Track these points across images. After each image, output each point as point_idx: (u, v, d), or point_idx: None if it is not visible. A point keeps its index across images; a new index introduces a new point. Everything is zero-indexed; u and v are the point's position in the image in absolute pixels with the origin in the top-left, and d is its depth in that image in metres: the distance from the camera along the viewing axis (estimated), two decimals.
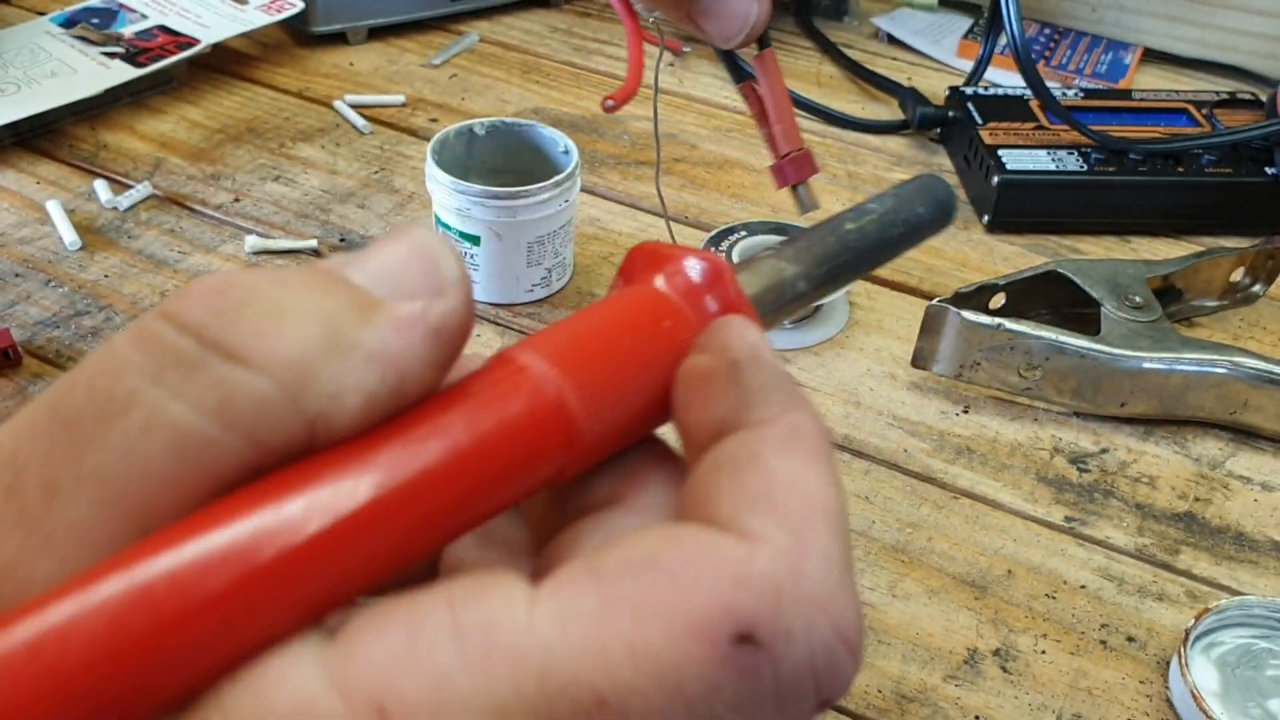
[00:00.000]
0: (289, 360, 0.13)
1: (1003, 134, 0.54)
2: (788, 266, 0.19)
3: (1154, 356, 0.41)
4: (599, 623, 0.13)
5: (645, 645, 0.13)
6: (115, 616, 0.11)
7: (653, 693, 0.13)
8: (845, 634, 0.14)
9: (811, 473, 0.15)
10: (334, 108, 0.58)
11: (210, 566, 0.12)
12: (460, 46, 0.65)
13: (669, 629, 0.13)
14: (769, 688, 0.13)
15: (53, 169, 0.53)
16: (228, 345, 0.13)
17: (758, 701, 0.13)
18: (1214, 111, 0.56)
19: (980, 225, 0.53)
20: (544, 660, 0.12)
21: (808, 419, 0.15)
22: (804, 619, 0.13)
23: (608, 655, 0.13)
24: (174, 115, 0.57)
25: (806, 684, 0.13)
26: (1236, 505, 0.40)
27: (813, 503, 0.14)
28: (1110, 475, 0.40)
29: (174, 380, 0.13)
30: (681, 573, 0.13)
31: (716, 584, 0.13)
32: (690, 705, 0.13)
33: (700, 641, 0.13)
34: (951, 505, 0.39)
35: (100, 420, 0.13)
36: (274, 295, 0.14)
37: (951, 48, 0.67)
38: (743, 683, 0.13)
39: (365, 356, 0.14)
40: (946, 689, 0.33)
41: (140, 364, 0.13)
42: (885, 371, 0.44)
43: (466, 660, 0.12)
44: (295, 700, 0.12)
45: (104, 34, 0.59)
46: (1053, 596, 0.36)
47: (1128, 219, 0.53)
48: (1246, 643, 0.34)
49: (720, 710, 0.13)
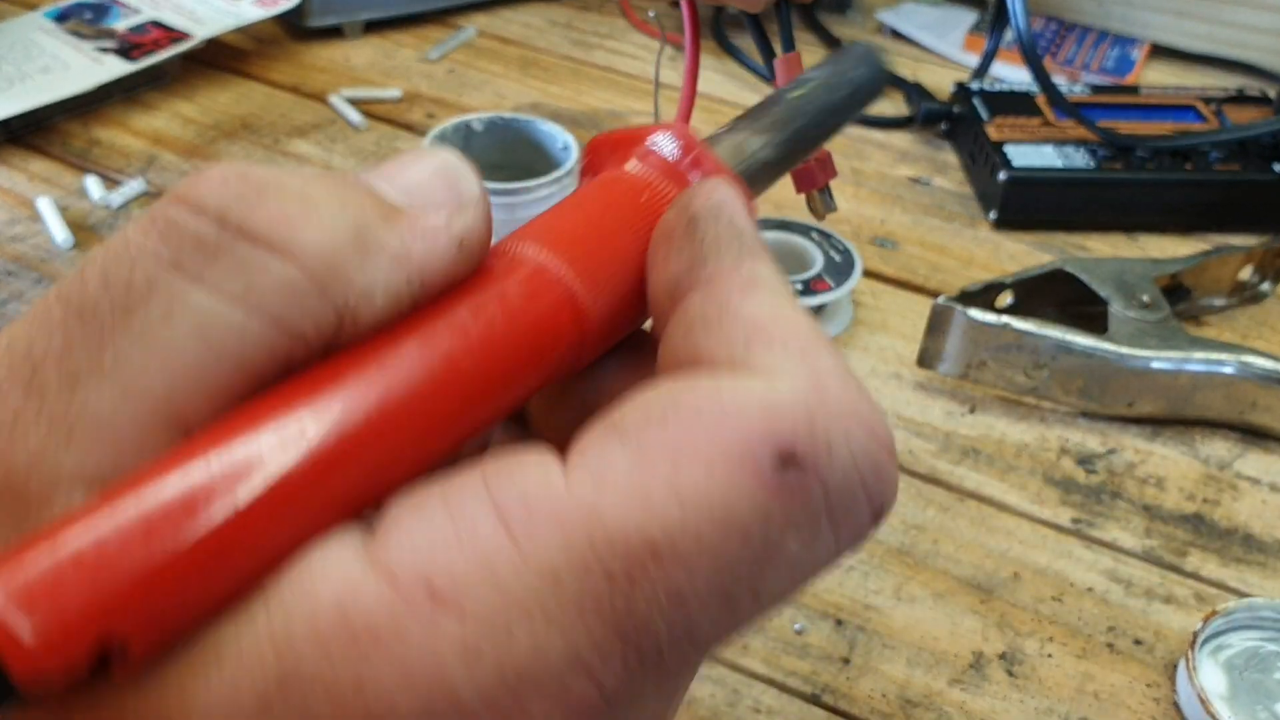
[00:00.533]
0: (319, 250, 0.13)
1: (1009, 130, 0.53)
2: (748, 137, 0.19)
3: (1162, 356, 0.40)
4: (637, 473, 0.12)
5: (689, 484, 0.12)
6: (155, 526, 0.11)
7: (705, 530, 0.12)
8: (880, 437, 0.14)
9: (787, 308, 0.15)
10: (329, 103, 0.58)
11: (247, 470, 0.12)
12: (458, 40, 0.64)
13: (709, 465, 0.12)
14: (820, 505, 0.13)
15: (44, 166, 0.52)
16: (253, 230, 0.13)
17: (813, 522, 0.13)
18: (1222, 108, 0.55)
19: (987, 222, 0.52)
20: (588, 519, 0.12)
21: (764, 265, 0.15)
22: (840, 430, 0.13)
23: (652, 501, 0.12)
24: (167, 111, 0.57)
25: (857, 494, 0.13)
26: (1245, 506, 0.39)
27: (804, 330, 0.14)
28: (1118, 476, 0.40)
29: (195, 266, 0.12)
30: (708, 411, 0.13)
31: (746, 415, 0.13)
32: (746, 537, 0.12)
33: (744, 471, 0.12)
34: (957, 507, 0.38)
35: (118, 310, 0.12)
36: (299, 186, 0.13)
37: (957, 42, 0.66)
38: (794, 504, 0.13)
39: (392, 256, 0.13)
40: (952, 693, 0.32)
41: (156, 251, 0.13)
42: (890, 371, 0.44)
43: (511, 532, 0.12)
44: (339, 588, 0.12)
45: (97, 29, 0.58)
46: (1059, 599, 0.35)
47: (1135, 216, 0.52)
48: (1255, 645, 0.34)
49: (776, 537, 0.13)
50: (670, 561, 0.12)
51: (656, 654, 0.12)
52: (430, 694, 0.11)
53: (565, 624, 0.12)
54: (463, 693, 0.11)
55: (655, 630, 0.12)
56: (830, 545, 0.13)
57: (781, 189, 0.58)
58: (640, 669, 0.12)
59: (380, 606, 0.11)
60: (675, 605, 0.12)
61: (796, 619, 0.34)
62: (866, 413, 0.14)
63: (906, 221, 0.53)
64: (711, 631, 0.13)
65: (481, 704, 0.12)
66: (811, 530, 0.13)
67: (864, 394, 0.14)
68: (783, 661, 0.33)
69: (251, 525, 0.12)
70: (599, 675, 0.12)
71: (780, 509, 0.13)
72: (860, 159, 0.57)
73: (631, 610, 0.12)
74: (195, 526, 0.11)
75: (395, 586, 0.12)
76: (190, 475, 0.12)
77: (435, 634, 0.11)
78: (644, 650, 0.12)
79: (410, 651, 0.11)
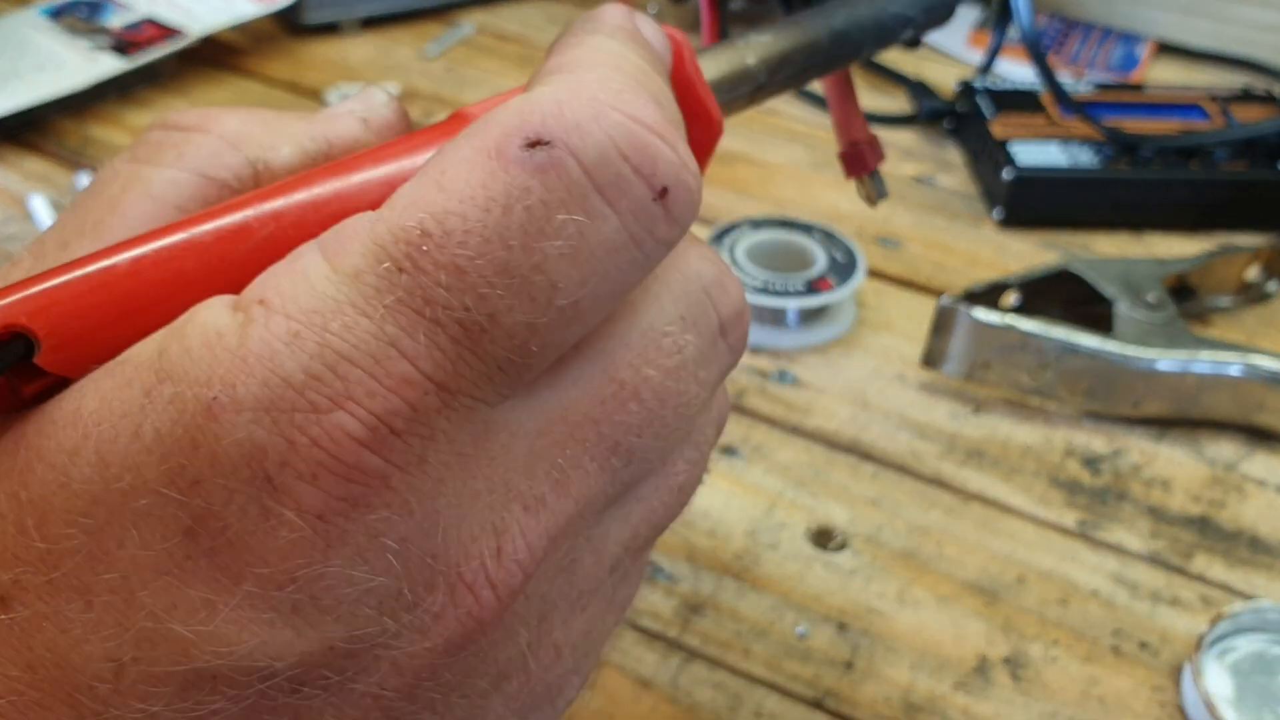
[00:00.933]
0: (234, 126, 0.18)
1: (1014, 128, 0.53)
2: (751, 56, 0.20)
3: (1168, 356, 0.40)
4: (414, 184, 0.15)
5: (449, 176, 0.14)
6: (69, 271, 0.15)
7: (466, 209, 0.14)
8: (642, 119, 0.15)
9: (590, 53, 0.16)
10: (326, 100, 0.57)
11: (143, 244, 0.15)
12: (455, 37, 0.64)
13: (467, 159, 0.14)
14: (580, 178, 0.14)
15: (38, 163, 0.52)
16: (185, 124, 0.18)
17: (579, 195, 0.14)
18: (1228, 106, 0.55)
19: (991, 221, 0.52)
20: (378, 231, 0.14)
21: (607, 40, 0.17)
22: (590, 113, 0.15)
23: (419, 196, 0.14)
24: (163, 108, 0.56)
25: (620, 167, 0.15)
26: (1251, 508, 0.39)
27: (589, 60, 0.16)
28: (1123, 478, 0.40)
29: (145, 154, 0.18)
30: (475, 127, 0.15)
31: (501, 116, 0.15)
32: (506, 209, 0.14)
33: (494, 156, 0.14)
34: (962, 509, 0.38)
35: (94, 194, 0.18)
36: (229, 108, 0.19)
37: (962, 39, 0.66)
38: (549, 177, 0.14)
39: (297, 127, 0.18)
40: (956, 698, 0.32)
41: (122, 156, 0.18)
42: (894, 372, 0.43)
43: (325, 253, 0.14)
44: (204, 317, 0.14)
45: (92, 26, 0.58)
46: (1064, 602, 0.35)
47: (1141, 215, 0.52)
48: (1261, 648, 0.34)
49: (540, 210, 0.14)
50: (440, 237, 0.14)
51: (466, 336, 0.14)
52: (264, 375, 0.14)
53: (367, 309, 0.14)
54: (289, 370, 0.14)
55: (451, 308, 0.14)
56: (613, 220, 0.15)
57: (786, 189, 0.58)
58: (456, 353, 0.14)
59: (227, 323, 0.14)
60: (457, 277, 0.14)
61: (799, 623, 0.34)
62: (624, 100, 0.15)
63: (910, 220, 0.52)
64: (522, 319, 0.14)
65: (306, 377, 0.14)
66: (581, 203, 0.14)
67: (631, 91, 0.15)
68: (785, 666, 0.32)
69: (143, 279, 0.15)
70: (410, 352, 0.14)
71: (538, 184, 0.14)
72: None
73: (420, 286, 0.14)
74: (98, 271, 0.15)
75: (238, 309, 0.14)
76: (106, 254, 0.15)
77: (265, 330, 0.14)
78: (449, 329, 0.14)
79: (247, 344, 0.14)
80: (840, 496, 0.38)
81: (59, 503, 0.14)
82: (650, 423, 0.16)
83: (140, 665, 0.14)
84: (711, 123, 0.19)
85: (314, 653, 0.14)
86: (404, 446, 0.14)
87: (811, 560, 0.36)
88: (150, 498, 0.14)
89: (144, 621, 0.14)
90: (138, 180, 0.17)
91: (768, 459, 0.39)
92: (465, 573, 0.15)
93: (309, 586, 0.14)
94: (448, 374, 0.14)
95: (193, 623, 0.14)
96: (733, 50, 0.19)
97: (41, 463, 0.14)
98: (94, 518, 0.14)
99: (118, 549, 0.14)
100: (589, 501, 0.16)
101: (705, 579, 0.35)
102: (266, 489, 0.14)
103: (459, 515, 0.15)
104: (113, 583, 0.14)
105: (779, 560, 0.36)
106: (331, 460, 0.14)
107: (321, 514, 0.14)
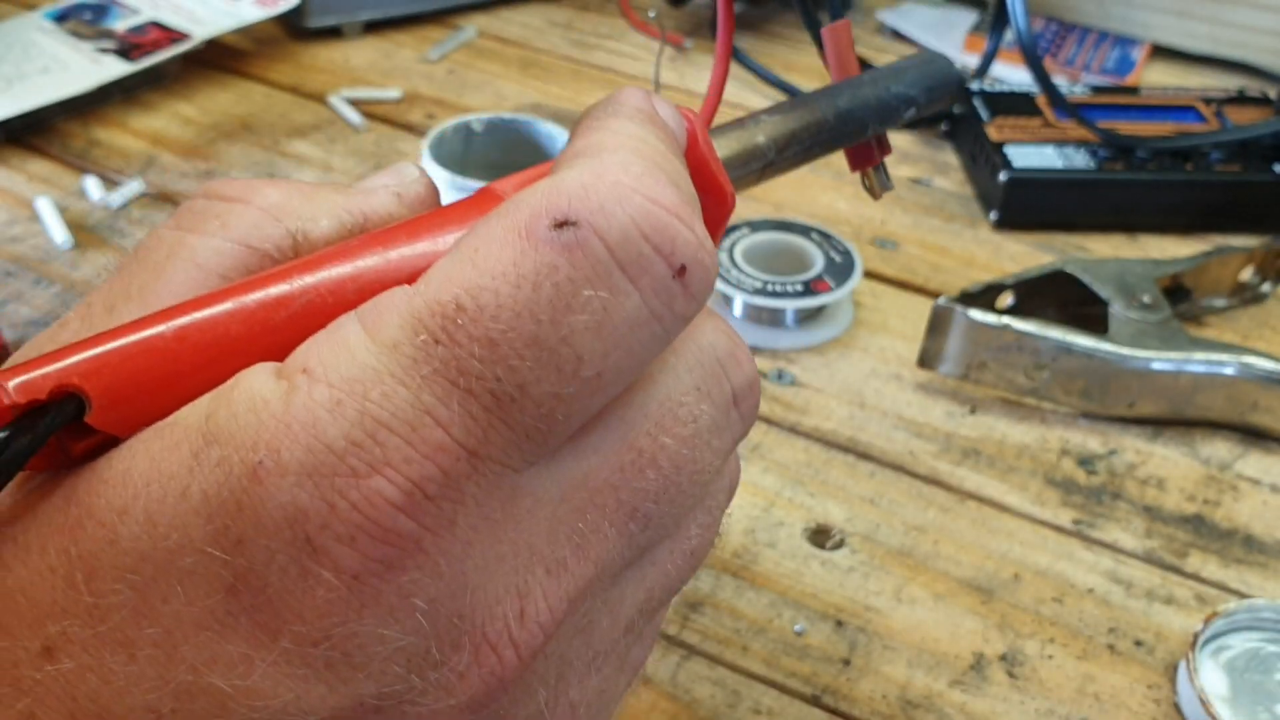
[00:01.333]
0: (275, 198, 0.19)
1: (1009, 130, 0.53)
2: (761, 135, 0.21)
3: (1163, 357, 0.40)
4: (450, 261, 0.16)
5: (483, 254, 0.15)
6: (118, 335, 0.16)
7: (499, 284, 0.15)
8: (662, 202, 0.16)
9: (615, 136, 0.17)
10: (329, 103, 0.58)
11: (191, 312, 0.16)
12: (457, 41, 0.64)
13: (499, 238, 0.15)
14: (604, 256, 0.15)
15: (43, 166, 0.52)
16: (227, 194, 0.19)
17: (603, 272, 0.15)
18: (1223, 108, 0.55)
19: (987, 223, 0.52)
20: (415, 304, 0.15)
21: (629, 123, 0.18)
22: (613, 196, 0.15)
23: (455, 273, 0.15)
24: (166, 111, 0.56)
25: (642, 247, 0.15)
26: (1246, 507, 0.39)
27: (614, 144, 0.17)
28: (1118, 477, 0.40)
29: (189, 223, 0.19)
30: (506, 207, 0.16)
31: (529, 201, 0.16)
32: (535, 286, 0.15)
33: (524, 236, 0.15)
34: (958, 508, 0.38)
35: (140, 261, 0.18)
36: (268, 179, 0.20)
37: (958, 42, 0.66)
38: (576, 256, 0.15)
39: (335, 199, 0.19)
40: (952, 695, 0.32)
41: (166, 224, 0.19)
42: (891, 372, 0.44)
43: (365, 325, 0.15)
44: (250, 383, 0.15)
45: (96, 29, 0.58)
46: (1060, 600, 0.35)
47: (1136, 217, 0.52)
48: (1255, 647, 0.34)
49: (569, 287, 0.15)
50: (474, 311, 0.15)
51: (497, 405, 0.15)
52: (307, 440, 0.14)
53: (405, 378, 0.15)
54: (331, 436, 0.14)
55: (484, 379, 0.15)
56: (635, 297, 0.16)
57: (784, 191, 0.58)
58: (487, 422, 0.15)
59: (273, 389, 0.15)
60: (490, 349, 0.15)
61: (797, 620, 0.34)
62: (646, 184, 0.16)
63: (907, 222, 0.53)
64: (549, 391, 0.15)
65: (347, 444, 0.14)
66: (605, 280, 0.15)
67: (652, 175, 0.16)
68: (783, 662, 0.33)
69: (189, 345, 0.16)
70: (444, 420, 0.15)
71: (565, 262, 0.15)
72: None
73: (455, 358, 0.15)
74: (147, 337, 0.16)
75: (281, 377, 0.15)
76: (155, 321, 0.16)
77: (309, 398, 0.15)
78: (481, 399, 0.15)
79: (291, 410, 0.15)
80: (837, 495, 0.38)
81: (107, 559, 0.15)
82: (666, 489, 0.17)
83: (179, 717, 0.15)
84: (724, 198, 0.20)
85: (345, 708, 0.15)
86: (436, 511, 0.15)
87: (809, 558, 0.36)
88: (195, 556, 0.14)
89: (184, 675, 0.14)
90: (183, 247, 0.18)
91: (766, 458, 0.40)
92: (490, 633, 0.16)
93: (343, 644, 0.15)
94: (479, 441, 0.15)
95: (231, 676, 0.14)
96: (743, 129, 0.20)
97: (92, 520, 0.15)
98: (141, 574, 0.14)
99: (162, 604, 0.14)
100: (607, 565, 0.17)
101: (704, 577, 0.35)
102: (306, 550, 0.14)
103: (485, 577, 0.15)
104: (156, 637, 0.14)
105: (777, 558, 0.36)
106: (369, 524, 0.14)
107: (357, 575, 0.14)
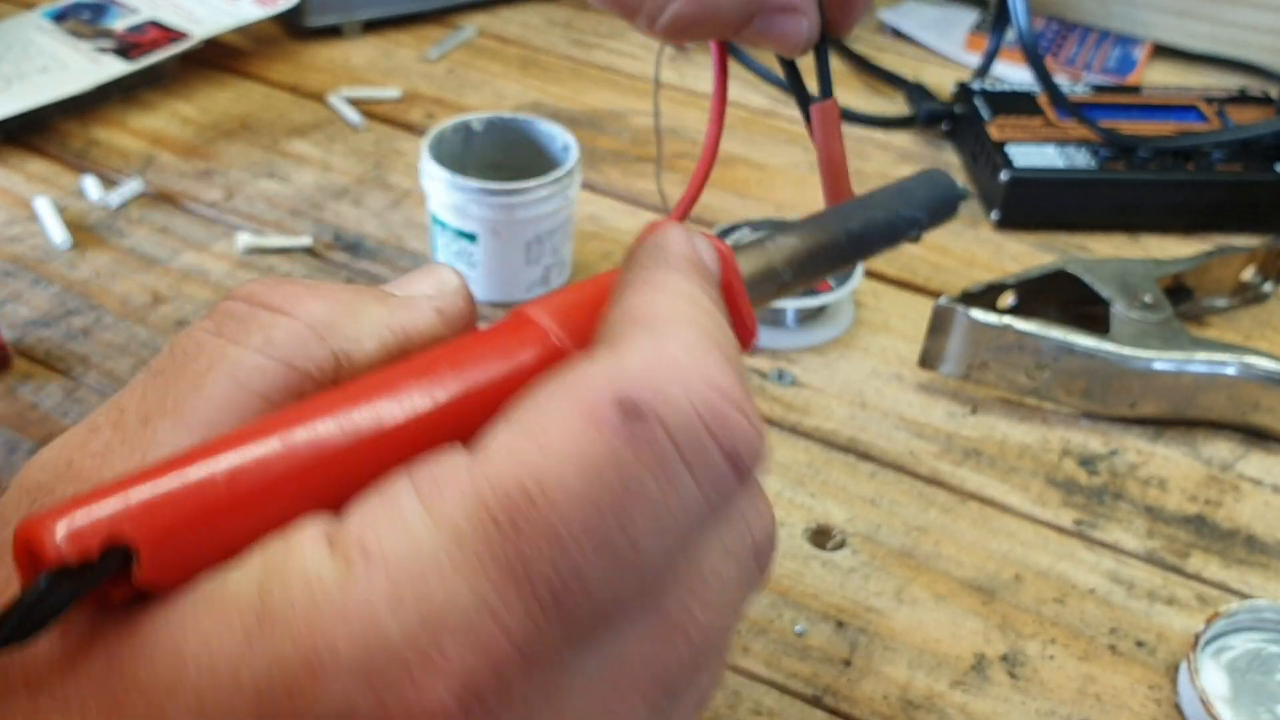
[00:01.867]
0: (319, 312, 0.18)
1: (1011, 130, 0.53)
2: (779, 258, 0.22)
3: (1164, 357, 0.40)
4: (514, 438, 0.15)
5: (548, 436, 0.15)
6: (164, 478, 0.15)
7: (567, 472, 0.15)
8: (722, 389, 0.16)
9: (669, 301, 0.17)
10: (328, 103, 0.57)
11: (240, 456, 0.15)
12: (457, 40, 0.64)
13: (564, 421, 0.15)
14: (668, 446, 0.15)
15: (42, 166, 0.52)
16: (270, 303, 0.18)
17: (665, 462, 0.15)
18: (1224, 108, 0.55)
19: (988, 223, 0.52)
20: (478, 483, 0.15)
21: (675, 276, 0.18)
22: (677, 383, 0.16)
23: (521, 455, 0.15)
24: (165, 111, 0.56)
25: (702, 436, 0.16)
26: (1247, 508, 0.39)
27: (672, 315, 0.17)
28: (1120, 477, 0.40)
29: (230, 331, 0.18)
30: (569, 383, 0.16)
31: (595, 379, 0.16)
32: (602, 477, 0.15)
33: (592, 422, 0.15)
34: (959, 509, 0.38)
35: (178, 368, 0.18)
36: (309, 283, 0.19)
37: (959, 41, 0.66)
38: (641, 447, 0.15)
39: (378, 317, 0.18)
40: (954, 695, 0.32)
41: (206, 326, 0.18)
42: (892, 372, 0.43)
43: (425, 501, 0.15)
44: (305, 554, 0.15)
45: (95, 28, 0.58)
46: (1061, 601, 0.35)
47: (1137, 216, 0.52)
48: (1257, 647, 0.34)
49: (633, 478, 0.15)
50: (543, 503, 0.15)
51: (554, 600, 0.15)
52: (365, 634, 0.14)
53: (468, 570, 0.14)
54: (390, 633, 0.14)
55: (544, 572, 0.14)
56: (691, 488, 0.16)
57: (785, 191, 0.58)
58: (544, 617, 0.15)
59: (329, 569, 0.15)
60: (554, 545, 0.15)
61: (798, 621, 0.34)
62: (707, 370, 0.16)
63: None
64: (603, 580, 0.15)
65: (406, 643, 0.14)
66: (665, 471, 0.15)
67: (711, 357, 0.16)
68: (784, 663, 0.33)
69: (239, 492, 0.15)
70: (503, 618, 0.14)
71: (631, 452, 0.15)
72: (861, 159, 0.57)
73: (520, 553, 0.14)
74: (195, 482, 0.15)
75: (336, 551, 0.15)
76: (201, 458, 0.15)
77: (368, 586, 0.14)
78: (539, 594, 0.15)
79: (348, 600, 0.14)
80: (838, 496, 0.38)
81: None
82: (693, 657, 0.17)
83: None
84: (747, 327, 0.21)
85: None
86: (483, 710, 0.14)
87: (810, 559, 0.36)
88: None
89: None
90: (223, 360, 0.17)
91: (766, 458, 0.40)
92: None
93: None
94: (531, 637, 0.15)
95: None
96: (762, 252, 0.21)
97: (139, 693, 0.15)
98: None
99: None
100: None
101: None
102: None
103: None
104: None
105: (778, 559, 0.36)
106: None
107: None
